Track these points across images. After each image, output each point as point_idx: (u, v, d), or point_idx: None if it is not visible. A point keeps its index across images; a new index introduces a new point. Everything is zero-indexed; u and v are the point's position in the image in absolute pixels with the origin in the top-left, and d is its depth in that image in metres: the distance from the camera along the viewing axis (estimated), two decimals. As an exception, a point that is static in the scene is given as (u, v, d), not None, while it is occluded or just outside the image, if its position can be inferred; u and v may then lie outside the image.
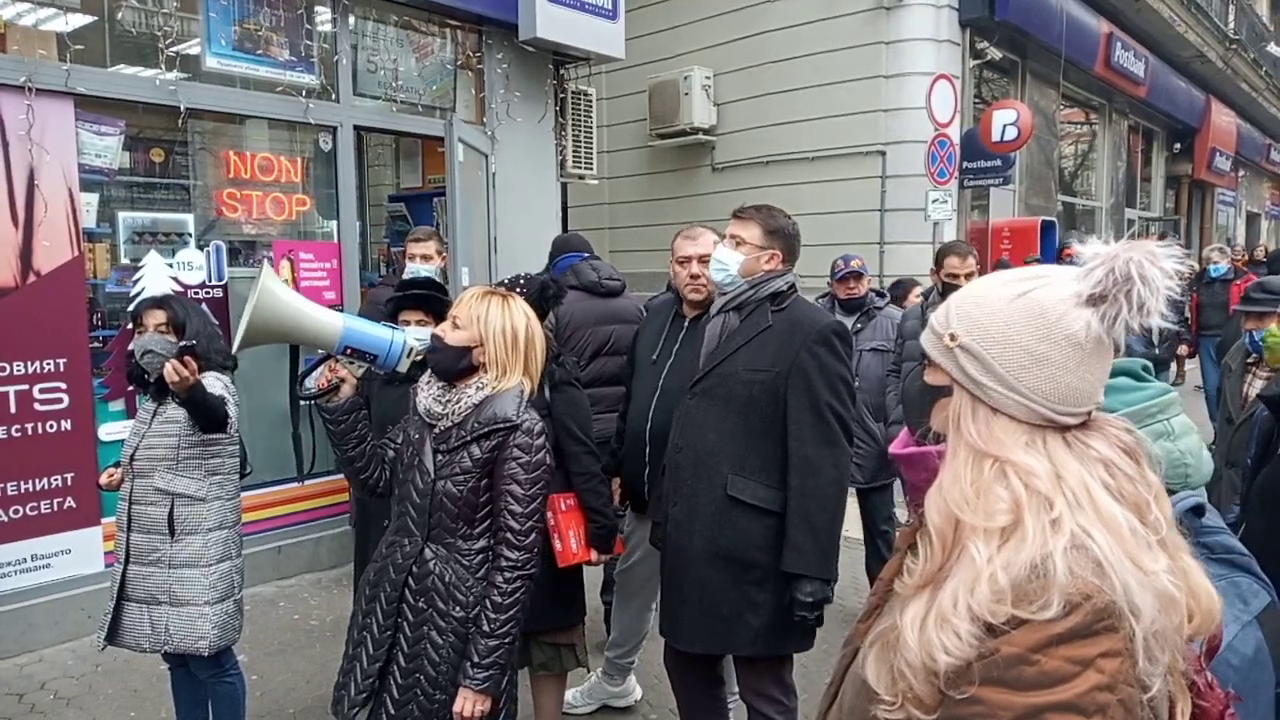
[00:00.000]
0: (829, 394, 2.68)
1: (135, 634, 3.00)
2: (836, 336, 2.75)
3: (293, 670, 4.20)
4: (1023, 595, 1.01)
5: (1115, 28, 13.15)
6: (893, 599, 1.24)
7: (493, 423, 2.27)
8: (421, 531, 2.31)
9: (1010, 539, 1.05)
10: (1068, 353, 1.08)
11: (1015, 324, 1.10)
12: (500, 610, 2.22)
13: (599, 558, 3.15)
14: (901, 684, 1.09)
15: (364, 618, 2.38)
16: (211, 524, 3.02)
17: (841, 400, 2.70)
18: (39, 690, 4.00)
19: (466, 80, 6.22)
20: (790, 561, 2.65)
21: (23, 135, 4.26)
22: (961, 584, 1.06)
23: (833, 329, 2.77)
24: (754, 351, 2.75)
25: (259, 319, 2.32)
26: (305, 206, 5.53)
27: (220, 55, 4.98)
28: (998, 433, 1.11)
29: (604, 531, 3.11)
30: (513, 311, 2.36)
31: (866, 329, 4.63)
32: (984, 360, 1.11)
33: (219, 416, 2.94)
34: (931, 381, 1.21)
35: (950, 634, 1.04)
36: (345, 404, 2.38)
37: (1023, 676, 0.99)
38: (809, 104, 11.18)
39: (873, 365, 4.57)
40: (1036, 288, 1.12)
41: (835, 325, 2.81)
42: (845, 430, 2.71)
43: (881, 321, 4.66)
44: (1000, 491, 1.08)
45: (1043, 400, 1.09)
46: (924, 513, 1.16)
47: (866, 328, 4.64)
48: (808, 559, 2.63)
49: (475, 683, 2.19)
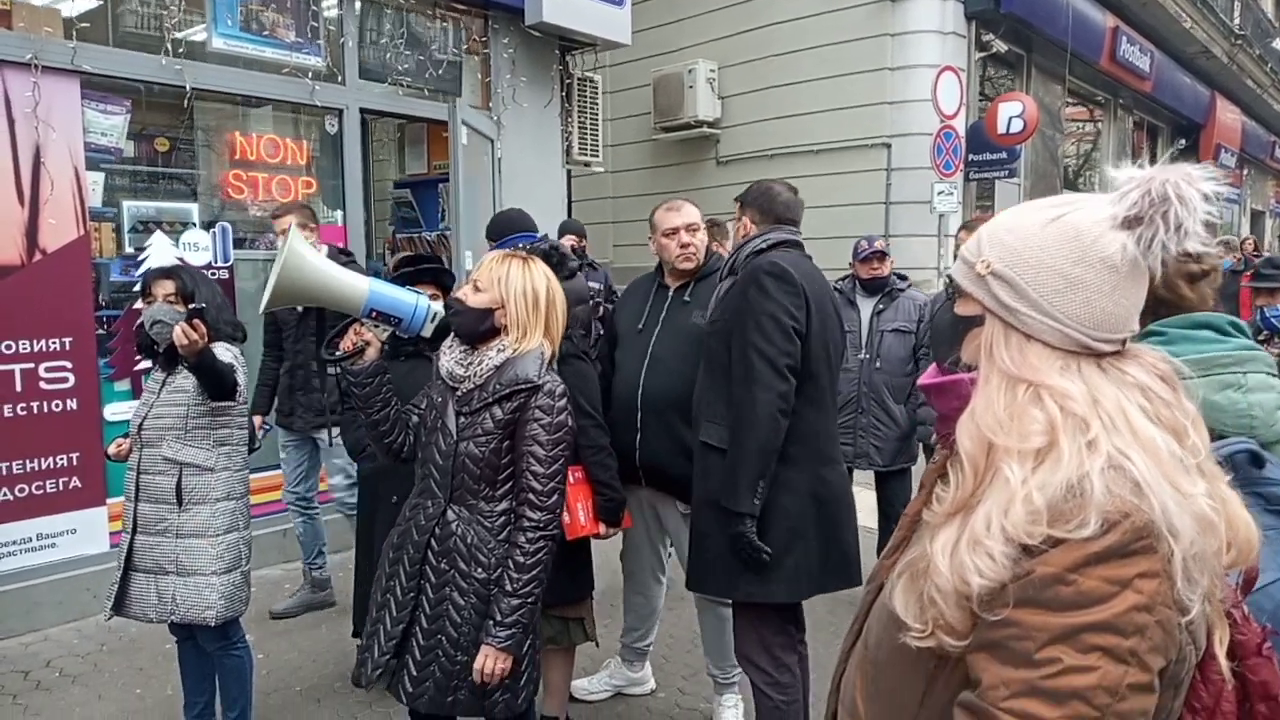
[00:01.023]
0: (754, 332, 2.68)
1: (142, 604, 2.98)
2: (767, 275, 2.71)
3: (299, 649, 4.19)
4: (1059, 515, 0.99)
5: (1121, 22, 13.13)
6: (921, 529, 1.22)
7: (514, 384, 2.27)
8: (444, 493, 2.31)
9: (1045, 460, 1.03)
10: (1103, 276, 1.06)
11: (1049, 248, 1.08)
12: (523, 570, 2.22)
13: (608, 530, 3.13)
14: (931, 611, 1.06)
15: (387, 581, 2.38)
16: (219, 494, 3.01)
17: (766, 337, 2.66)
18: (45, 668, 3.99)
19: (472, 65, 6.20)
20: (714, 490, 2.75)
21: (29, 113, 4.24)
22: (995, 506, 1.03)
23: (763, 268, 2.73)
24: (715, 304, 2.91)
25: (286, 280, 2.31)
26: (311, 190, 5.51)
27: (226, 36, 4.97)
28: (1031, 359, 1.09)
29: (612, 505, 3.11)
30: (533, 273, 2.37)
31: (889, 310, 4.60)
32: (1017, 286, 1.09)
33: (228, 384, 2.92)
34: (962, 312, 1.19)
35: (984, 556, 1.02)
36: (370, 367, 2.38)
37: (1059, 597, 0.97)
38: (814, 97, 11.16)
39: (894, 346, 4.54)
40: (1070, 211, 1.10)
41: (767, 264, 2.74)
42: (771, 366, 2.65)
43: (904, 303, 4.61)
44: (1035, 413, 1.06)
45: (1077, 325, 1.07)
46: (954, 440, 1.14)
47: (889, 309, 4.60)
48: (725, 491, 2.70)
49: (498, 640, 2.19)
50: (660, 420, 3.15)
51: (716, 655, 3.40)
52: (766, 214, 2.94)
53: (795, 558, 2.74)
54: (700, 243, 3.26)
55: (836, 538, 2.82)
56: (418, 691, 2.26)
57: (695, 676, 3.91)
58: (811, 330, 2.72)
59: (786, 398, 2.66)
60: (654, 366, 3.19)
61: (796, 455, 2.74)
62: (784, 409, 2.66)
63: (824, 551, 2.79)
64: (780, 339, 2.66)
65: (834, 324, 2.88)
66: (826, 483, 2.81)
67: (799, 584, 2.78)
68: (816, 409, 2.79)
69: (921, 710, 1.15)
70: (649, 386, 3.19)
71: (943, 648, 1.06)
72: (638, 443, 3.22)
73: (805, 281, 2.74)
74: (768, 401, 2.64)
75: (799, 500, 2.75)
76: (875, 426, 4.54)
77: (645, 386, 3.19)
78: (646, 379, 3.20)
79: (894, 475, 4.65)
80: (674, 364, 3.12)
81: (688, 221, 3.24)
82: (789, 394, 2.66)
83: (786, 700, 2.86)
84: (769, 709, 2.88)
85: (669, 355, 3.16)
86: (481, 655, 2.20)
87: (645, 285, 3.45)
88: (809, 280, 2.77)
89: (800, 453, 2.75)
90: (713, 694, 3.55)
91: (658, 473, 3.22)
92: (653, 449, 3.18)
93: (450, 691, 2.25)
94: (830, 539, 2.80)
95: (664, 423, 3.14)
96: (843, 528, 2.84)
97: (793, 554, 2.74)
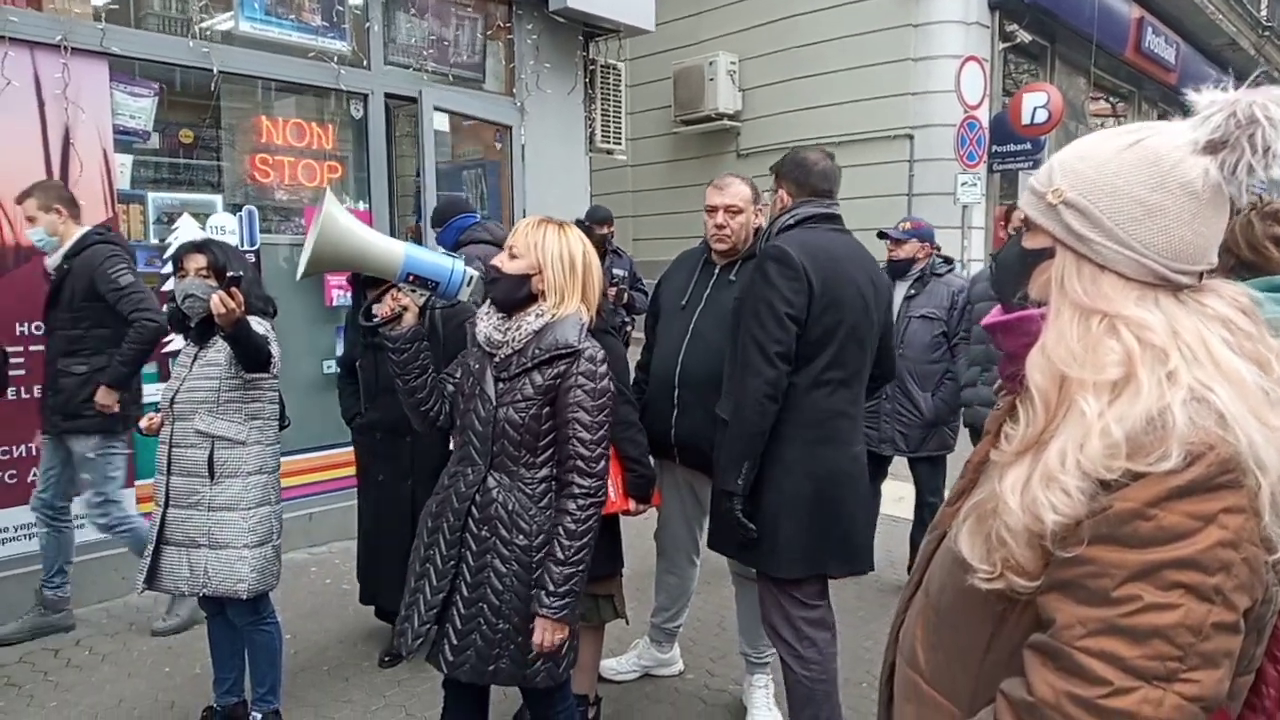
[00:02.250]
0: (750, 318, 2.71)
1: (174, 577, 2.97)
2: (771, 260, 2.71)
3: (326, 631, 4.18)
4: (1138, 448, 0.95)
5: (1146, 12, 13.00)
6: (987, 471, 1.18)
7: (554, 349, 2.24)
8: (484, 460, 2.28)
9: (1123, 393, 0.99)
10: (1183, 203, 1.02)
11: (1125, 173, 1.04)
12: (575, 537, 2.20)
13: (638, 507, 3.10)
14: (1001, 551, 1.03)
15: (426, 550, 2.36)
16: (251, 468, 3.00)
17: (761, 324, 2.67)
18: (75, 646, 4.00)
19: (496, 51, 6.19)
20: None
21: (58, 94, 4.26)
22: (1070, 440, 0.99)
23: (769, 254, 2.74)
24: (740, 284, 2.92)
25: (323, 245, 2.30)
26: (337, 175, 5.51)
27: (253, 20, 4.97)
28: (1105, 289, 1.04)
29: (642, 481, 3.07)
30: (569, 238, 2.34)
31: (921, 295, 4.49)
32: (1091, 215, 1.05)
33: (263, 355, 2.91)
34: (1031, 245, 1.15)
35: (1058, 492, 0.98)
36: (408, 332, 2.35)
37: (1138, 532, 0.93)
38: (835, 88, 11.11)
39: (919, 332, 4.45)
40: (1149, 136, 1.06)
41: (773, 249, 2.74)
42: (761, 352, 2.66)
43: (937, 288, 4.49)
44: (1111, 344, 1.01)
45: (1155, 255, 1.03)
46: (1023, 379, 1.10)
47: (921, 294, 4.49)
48: (718, 466, 2.77)
49: (552, 611, 2.17)
50: (697, 397, 3.11)
51: (750, 634, 3.37)
52: (802, 186, 2.88)
53: (786, 534, 2.73)
54: (738, 225, 3.18)
55: (836, 518, 2.77)
56: (458, 661, 2.24)
57: (724, 659, 3.88)
58: (813, 314, 2.69)
59: (774, 384, 2.67)
60: (694, 343, 3.16)
61: (791, 434, 2.73)
62: (770, 394, 2.67)
63: (824, 530, 2.75)
64: (773, 325, 2.67)
65: (856, 303, 2.78)
66: (827, 462, 2.77)
67: (793, 561, 2.76)
68: (818, 389, 2.74)
69: (988, 655, 1.11)
70: (688, 363, 3.15)
71: (1012, 589, 1.03)
72: (674, 419, 3.19)
73: (813, 262, 2.68)
74: (754, 388, 2.67)
75: (792, 479, 2.73)
76: (899, 413, 4.46)
77: (684, 363, 3.16)
78: (686, 355, 3.16)
79: (926, 461, 4.59)
80: (715, 342, 3.06)
81: (727, 202, 3.18)
82: (777, 380, 2.67)
83: (810, 676, 2.83)
84: (794, 683, 2.87)
85: (710, 333, 3.11)
86: (539, 628, 2.18)
87: (692, 260, 3.39)
88: (821, 260, 2.71)
89: (795, 432, 2.73)
90: (742, 675, 3.52)
91: (693, 450, 3.17)
92: (689, 426, 3.15)
93: (491, 660, 2.23)
94: (830, 519, 2.76)
95: (701, 400, 3.08)
96: (844, 509, 2.79)
97: (782, 530, 2.73)
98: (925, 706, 1.20)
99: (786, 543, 2.73)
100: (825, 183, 2.88)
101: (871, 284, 2.88)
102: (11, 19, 4.07)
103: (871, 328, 2.87)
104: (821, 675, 2.84)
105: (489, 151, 6.68)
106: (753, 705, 3.37)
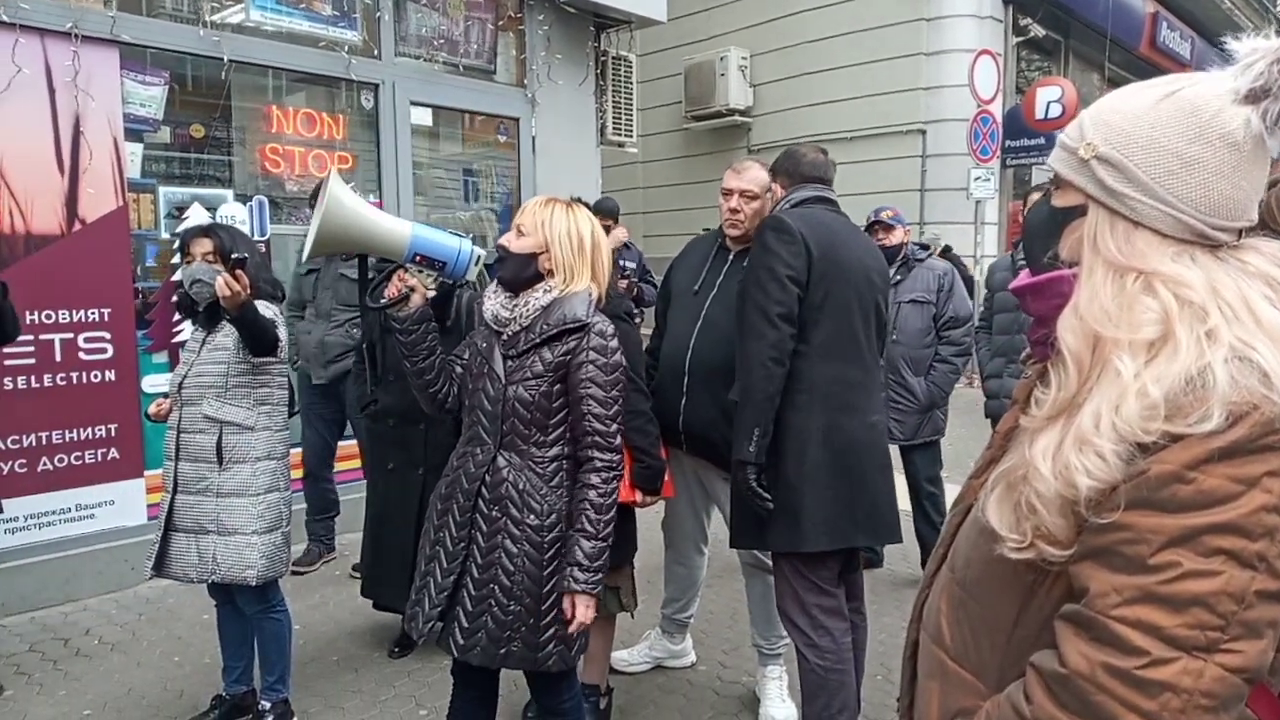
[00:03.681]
0: (752, 287, 2.71)
1: (182, 563, 2.95)
2: (768, 229, 2.74)
3: (335, 621, 4.16)
4: (1178, 408, 0.90)
5: (1161, 7, 12.90)
6: (1017, 438, 1.14)
7: (563, 324, 2.21)
8: (494, 439, 2.25)
9: (1160, 353, 0.94)
10: (1223, 155, 0.97)
11: (1161, 125, 0.99)
12: (601, 511, 2.19)
13: (644, 499, 3.04)
14: (1031, 520, 0.98)
15: (436, 532, 2.32)
16: (260, 453, 2.97)
17: (762, 288, 2.67)
18: (84, 636, 3.98)
19: (507, 41, 6.16)
20: None
21: (68, 82, 4.24)
22: (1105, 402, 0.94)
23: (767, 224, 2.77)
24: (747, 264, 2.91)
25: (328, 226, 2.27)
26: (348, 165, 5.49)
27: (263, 8, 4.95)
28: (1140, 246, 0.99)
29: (649, 472, 3.01)
30: (578, 216, 2.31)
31: (906, 280, 4.52)
32: (1125, 169, 1.00)
33: (270, 339, 2.89)
34: (1061, 204, 1.10)
35: (1092, 455, 0.93)
36: (415, 313, 2.32)
37: (1177, 496, 0.88)
38: (847, 83, 11.06)
39: (911, 317, 4.46)
40: (1185, 87, 1.00)
41: (770, 219, 2.78)
42: (764, 315, 2.65)
43: (921, 273, 4.54)
44: (1148, 302, 0.96)
45: (1193, 210, 0.98)
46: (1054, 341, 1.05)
47: (906, 279, 4.53)
48: (735, 442, 2.71)
49: (584, 585, 2.16)
50: (706, 386, 3.06)
51: (762, 624, 3.32)
52: (794, 176, 2.94)
53: (810, 506, 2.68)
54: (752, 212, 3.14)
55: (861, 487, 2.74)
56: (469, 644, 2.21)
57: (736, 650, 3.84)
58: (814, 278, 2.68)
59: (778, 345, 2.64)
60: (705, 331, 3.11)
61: (805, 403, 2.70)
62: (775, 356, 2.64)
63: (849, 500, 2.72)
64: (774, 288, 2.65)
65: (857, 270, 2.81)
66: (844, 430, 2.74)
67: (818, 533, 2.70)
68: (828, 356, 2.73)
69: (1016, 629, 1.07)
70: (698, 350, 3.11)
71: (1043, 559, 0.98)
72: (682, 407, 3.14)
73: (810, 231, 2.71)
74: (757, 350, 2.64)
75: (812, 448, 2.70)
76: (893, 400, 4.44)
77: (695, 350, 3.12)
78: (697, 342, 3.12)
79: (918, 448, 4.57)
80: (726, 330, 3.00)
81: (742, 186, 3.14)
82: (781, 341, 2.65)
83: (824, 666, 2.77)
84: (807, 672, 2.81)
85: (722, 321, 3.05)
86: (571, 603, 2.17)
87: (706, 245, 3.35)
88: (818, 229, 2.74)
89: (809, 400, 2.71)
90: (755, 667, 3.48)
91: (701, 439, 3.12)
92: (698, 415, 3.10)
93: (503, 643, 2.19)
94: (856, 487, 2.73)
95: (710, 388, 3.04)
96: (867, 477, 2.77)
97: (806, 502, 2.69)
98: (950, 683, 1.16)
99: (810, 515, 2.69)
100: (815, 170, 2.93)
101: (871, 255, 2.93)
102: (22, 6, 4.05)
103: (876, 295, 2.88)
104: (836, 664, 2.79)
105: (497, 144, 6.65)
106: (766, 697, 3.33)
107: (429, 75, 5.77)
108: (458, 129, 6.33)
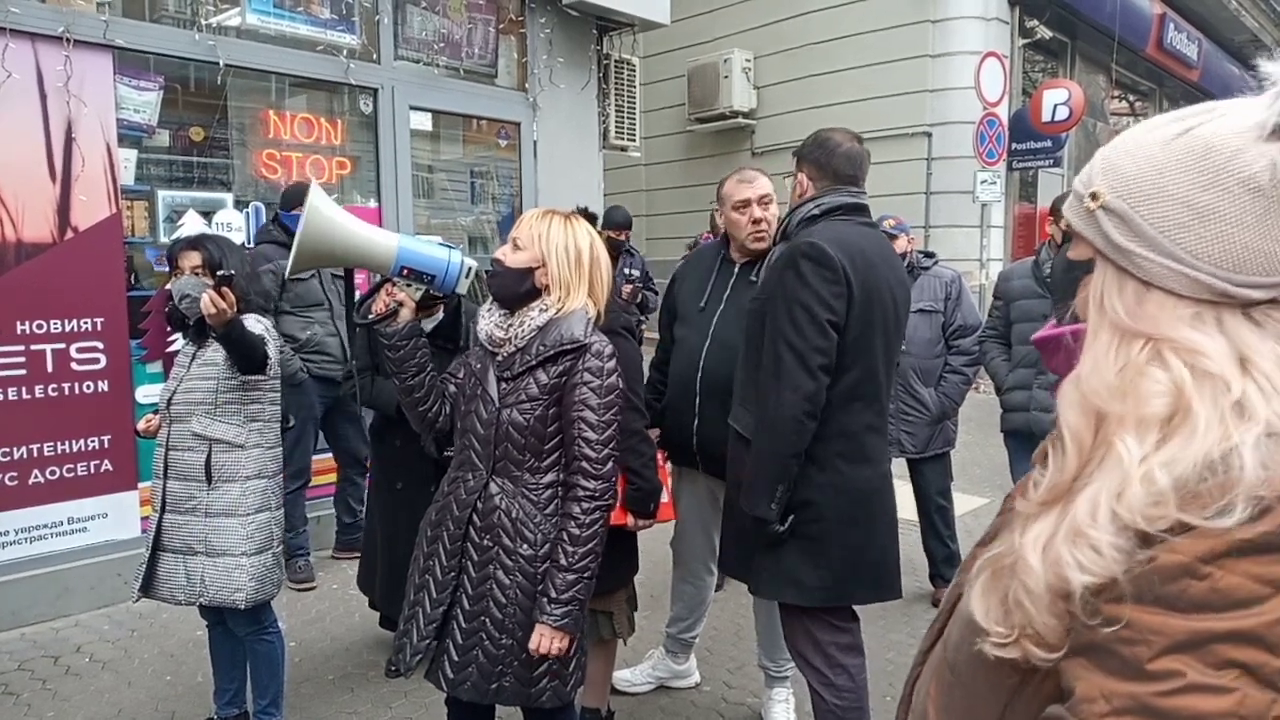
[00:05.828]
0: (785, 322, 2.43)
1: (170, 585, 2.86)
2: (804, 257, 2.42)
3: (331, 638, 4.07)
4: (1192, 497, 0.77)
5: (1168, 9, 12.79)
6: (1009, 521, 0.98)
7: (559, 344, 2.12)
8: (486, 465, 2.16)
9: (1175, 432, 0.81)
10: (1243, 202, 0.82)
11: (1171, 169, 0.85)
12: (579, 543, 2.07)
13: (635, 523, 2.89)
14: (1018, 615, 0.85)
15: (425, 560, 2.23)
16: (250, 472, 2.88)
17: (798, 329, 2.39)
18: (75, 653, 3.90)
19: (508, 45, 6.08)
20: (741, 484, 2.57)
21: (60, 87, 4.16)
22: (1104, 489, 0.81)
23: (801, 250, 2.44)
24: (761, 281, 2.68)
25: (307, 241, 2.18)
26: (346, 171, 5.41)
27: (260, 12, 4.87)
28: (1150, 309, 0.86)
29: (641, 494, 2.86)
30: (576, 230, 2.22)
31: (912, 289, 4.39)
32: (1132, 222, 0.86)
33: (259, 357, 2.80)
34: (1074, 256, 0.96)
35: (1086, 549, 0.80)
36: (404, 328, 2.23)
37: (1187, 593, 0.75)
38: (852, 85, 10.96)
39: (920, 327, 4.32)
40: (1203, 123, 0.86)
41: (805, 245, 2.45)
42: (801, 363, 2.39)
43: (928, 281, 4.41)
44: (1156, 373, 0.83)
45: (1210, 267, 0.83)
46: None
47: (912, 288, 4.40)
48: (745, 492, 2.53)
49: (553, 619, 2.04)
50: (719, 404, 2.93)
51: (769, 646, 3.23)
52: (824, 169, 2.61)
53: (814, 564, 2.53)
54: (774, 217, 3.01)
55: (869, 543, 2.58)
56: (459, 678, 2.12)
57: (741, 670, 3.75)
58: (852, 319, 2.44)
59: (814, 399, 2.41)
60: (714, 349, 3.01)
61: (820, 454, 2.50)
62: (810, 411, 2.41)
63: (855, 559, 2.55)
64: (813, 333, 2.39)
65: (889, 310, 2.56)
66: (855, 483, 2.55)
67: (817, 591, 2.56)
68: (849, 402, 2.51)
69: None
70: (709, 368, 3.01)
71: (1028, 659, 0.85)
72: (695, 427, 3.05)
73: (851, 261, 2.42)
74: (793, 403, 2.40)
75: (821, 503, 2.51)
76: (904, 413, 4.34)
77: (705, 368, 3.02)
78: (707, 360, 3.02)
79: (928, 461, 4.46)
80: (737, 346, 2.86)
81: (760, 194, 3.00)
82: (817, 395, 2.41)
83: (843, 705, 2.63)
84: (824, 711, 2.67)
85: (731, 337, 2.93)
86: (536, 634, 2.05)
87: (709, 258, 3.23)
88: (857, 258, 2.45)
89: (825, 452, 2.50)
90: (762, 688, 3.39)
91: (716, 458, 2.98)
92: (711, 433, 3.00)
93: (494, 678, 2.10)
94: (862, 544, 2.57)
95: (723, 407, 2.89)
96: (876, 531, 2.60)
97: (810, 559, 2.53)
98: None
99: (813, 572, 2.53)
100: (850, 167, 2.62)
101: (900, 286, 2.66)
102: (13, 10, 3.97)
103: (898, 336, 2.66)
104: (855, 704, 2.65)
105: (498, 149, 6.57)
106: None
107: (429, 79, 5.68)
108: (458, 133, 6.25)
